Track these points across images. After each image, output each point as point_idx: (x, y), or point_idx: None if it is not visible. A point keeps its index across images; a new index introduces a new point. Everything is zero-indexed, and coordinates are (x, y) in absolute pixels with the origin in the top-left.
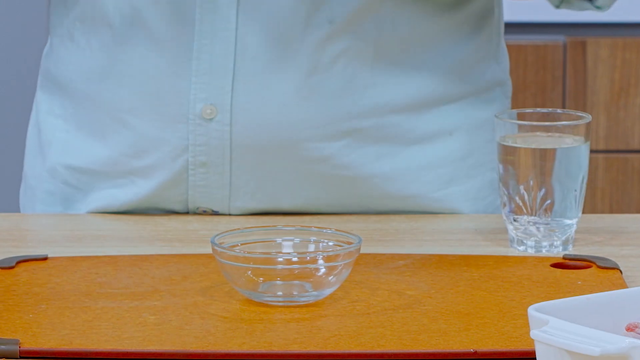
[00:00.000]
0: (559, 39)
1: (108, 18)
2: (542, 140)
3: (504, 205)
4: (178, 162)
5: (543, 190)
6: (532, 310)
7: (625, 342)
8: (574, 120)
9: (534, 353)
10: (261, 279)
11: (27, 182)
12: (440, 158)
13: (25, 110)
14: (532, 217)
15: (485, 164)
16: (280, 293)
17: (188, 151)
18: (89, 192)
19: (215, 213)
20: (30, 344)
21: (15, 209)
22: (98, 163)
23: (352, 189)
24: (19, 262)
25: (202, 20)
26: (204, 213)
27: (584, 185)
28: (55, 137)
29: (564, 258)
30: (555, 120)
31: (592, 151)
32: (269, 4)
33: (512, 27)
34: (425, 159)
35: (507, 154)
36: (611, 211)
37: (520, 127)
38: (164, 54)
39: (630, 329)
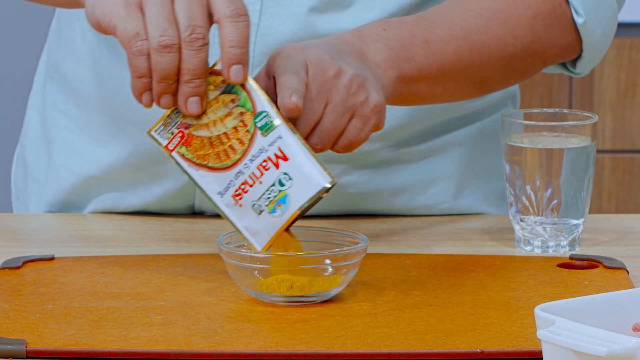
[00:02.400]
0: None
1: None
2: (548, 141)
3: (511, 205)
4: (185, 176)
5: (549, 191)
6: (538, 310)
7: (632, 342)
8: (580, 120)
9: (540, 353)
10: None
11: (31, 173)
12: (450, 169)
13: (21, 106)
14: (539, 217)
15: (494, 173)
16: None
17: None
18: (92, 198)
19: None
20: (37, 344)
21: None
22: (101, 170)
23: (359, 203)
24: (25, 262)
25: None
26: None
27: (591, 186)
28: (59, 136)
29: (570, 258)
30: (562, 121)
31: (598, 151)
32: (283, 39)
33: None
34: (435, 171)
35: (514, 154)
36: (617, 211)
37: (526, 127)
38: None
39: (636, 328)
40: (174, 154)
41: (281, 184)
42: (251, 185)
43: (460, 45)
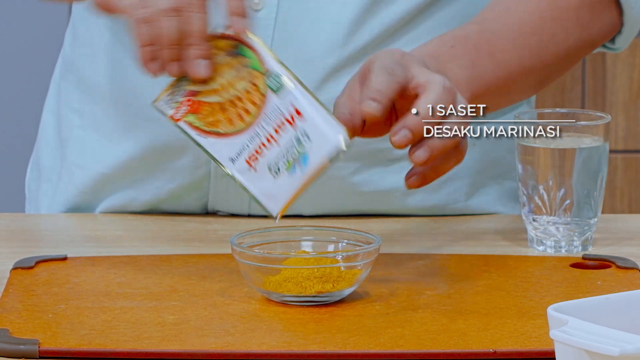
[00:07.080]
0: None
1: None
2: (561, 141)
3: (523, 205)
4: (199, 172)
5: (562, 190)
6: (551, 310)
7: None
8: (593, 120)
9: (553, 353)
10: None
11: (45, 175)
12: (463, 169)
13: (32, 106)
14: (552, 217)
15: (507, 173)
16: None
17: (210, 163)
18: (105, 196)
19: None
20: (50, 344)
21: (20, 208)
22: (113, 167)
23: (371, 202)
24: (38, 262)
25: None
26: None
27: (603, 185)
28: (73, 135)
29: (583, 258)
30: (575, 120)
31: (611, 151)
32: (302, 43)
33: None
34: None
35: (527, 154)
36: (630, 211)
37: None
38: None
39: None
40: (180, 123)
41: (299, 144)
42: (267, 148)
43: (521, 52)
